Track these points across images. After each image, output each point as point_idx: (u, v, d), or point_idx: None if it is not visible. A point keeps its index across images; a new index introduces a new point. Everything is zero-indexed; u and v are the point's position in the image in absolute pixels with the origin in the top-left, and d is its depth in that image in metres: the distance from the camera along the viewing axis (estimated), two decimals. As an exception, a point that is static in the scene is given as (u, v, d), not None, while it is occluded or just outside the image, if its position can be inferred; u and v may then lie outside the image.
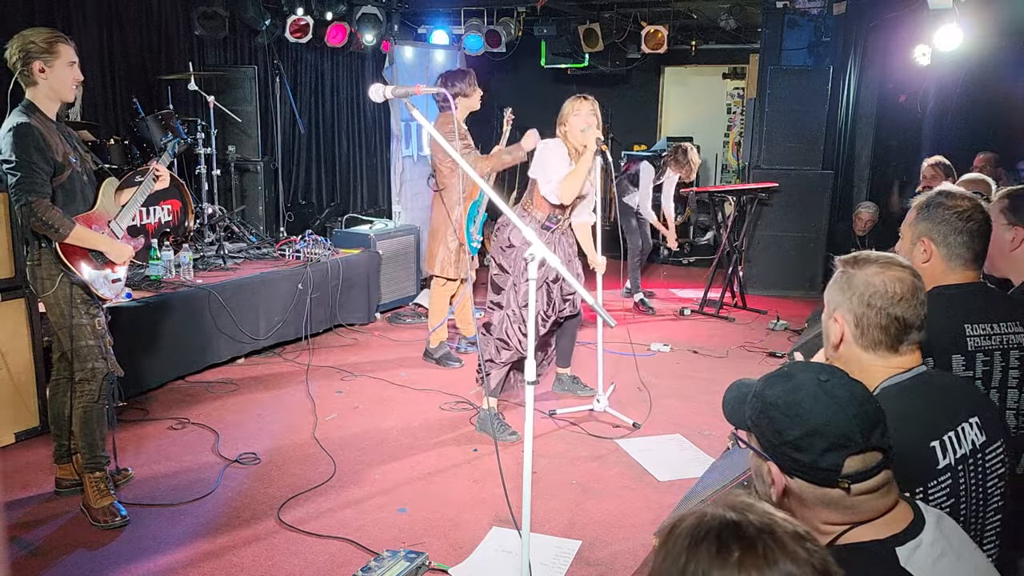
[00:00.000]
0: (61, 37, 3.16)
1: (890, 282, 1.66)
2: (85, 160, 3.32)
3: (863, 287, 1.68)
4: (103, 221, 3.34)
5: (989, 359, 2.06)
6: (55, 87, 3.15)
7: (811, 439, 1.27)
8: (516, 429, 4.14)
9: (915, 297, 1.67)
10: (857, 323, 1.69)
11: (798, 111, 7.43)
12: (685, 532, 0.98)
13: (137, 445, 3.98)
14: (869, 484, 1.28)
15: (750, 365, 5.48)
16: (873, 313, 1.67)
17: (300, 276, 5.62)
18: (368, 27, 7.72)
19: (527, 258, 2.46)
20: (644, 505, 3.50)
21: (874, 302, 1.66)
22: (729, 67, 10.61)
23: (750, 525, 0.95)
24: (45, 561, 2.98)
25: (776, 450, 1.31)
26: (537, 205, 4.22)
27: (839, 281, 1.74)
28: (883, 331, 1.67)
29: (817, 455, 1.27)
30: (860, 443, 1.27)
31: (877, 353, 1.69)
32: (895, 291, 1.66)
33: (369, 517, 3.34)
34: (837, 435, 1.26)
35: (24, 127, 3.03)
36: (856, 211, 7.48)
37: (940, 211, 2.13)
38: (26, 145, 3.02)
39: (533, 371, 2.51)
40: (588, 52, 8.77)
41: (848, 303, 1.70)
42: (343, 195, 8.76)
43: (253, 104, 6.95)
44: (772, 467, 1.32)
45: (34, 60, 3.08)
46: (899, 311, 1.66)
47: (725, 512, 0.98)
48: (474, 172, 2.73)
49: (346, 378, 5.06)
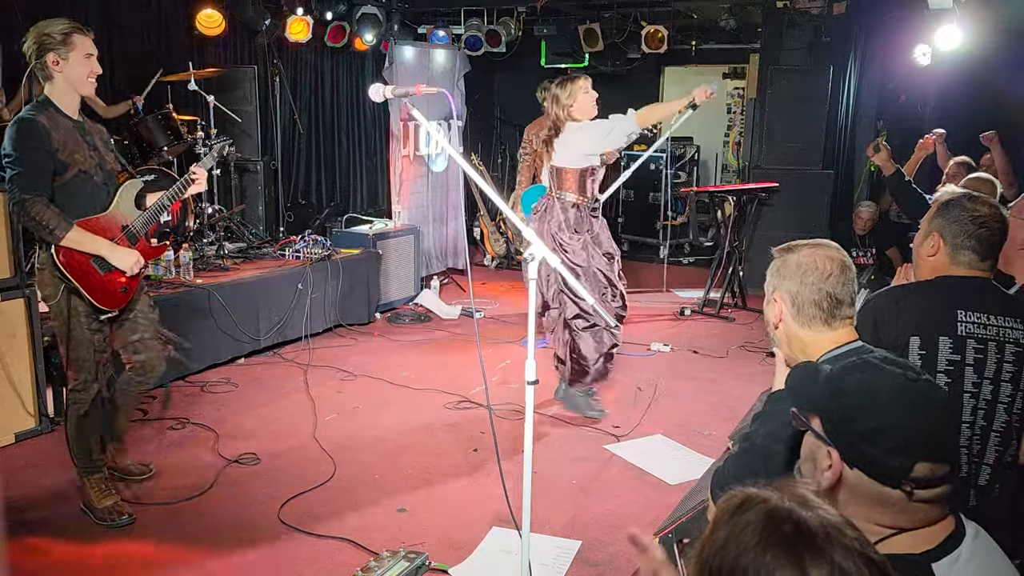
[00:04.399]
0: (78, 28, 3.03)
1: (821, 260, 1.80)
2: (105, 160, 3.19)
3: (796, 267, 1.82)
4: (114, 226, 3.19)
5: (983, 347, 2.10)
6: (71, 80, 3.03)
7: (883, 436, 1.25)
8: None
9: (844, 274, 1.80)
10: (794, 301, 1.81)
11: (798, 111, 7.42)
12: (754, 528, 0.96)
13: (137, 445, 3.97)
14: (931, 493, 1.25)
15: (750, 365, 5.48)
16: (807, 290, 1.80)
17: (300, 276, 5.62)
18: (368, 27, 7.71)
19: (527, 258, 2.46)
20: (644, 505, 3.50)
21: (807, 279, 1.80)
22: (729, 67, 10.60)
23: (820, 532, 0.94)
24: (44, 561, 2.98)
25: (843, 437, 1.29)
26: (568, 188, 4.24)
27: (775, 266, 1.88)
28: (816, 306, 1.79)
29: (886, 452, 1.25)
30: (933, 450, 1.25)
31: (813, 328, 1.81)
32: (826, 268, 1.79)
33: (369, 517, 3.34)
34: (911, 437, 1.24)
35: (27, 123, 2.94)
36: (856, 210, 7.48)
37: (957, 211, 2.20)
38: (25, 141, 2.92)
39: (533, 371, 2.50)
40: (588, 52, 8.76)
41: (784, 283, 1.83)
42: (343, 195, 8.76)
43: (253, 104, 6.95)
44: (834, 453, 1.29)
45: (48, 52, 2.97)
46: (830, 287, 1.78)
47: (797, 510, 0.96)
48: (472, 170, 2.73)
49: (346, 378, 5.06)
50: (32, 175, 2.94)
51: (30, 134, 2.93)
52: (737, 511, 1.00)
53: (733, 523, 0.99)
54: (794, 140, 7.49)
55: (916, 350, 2.12)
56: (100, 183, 3.16)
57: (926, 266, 2.28)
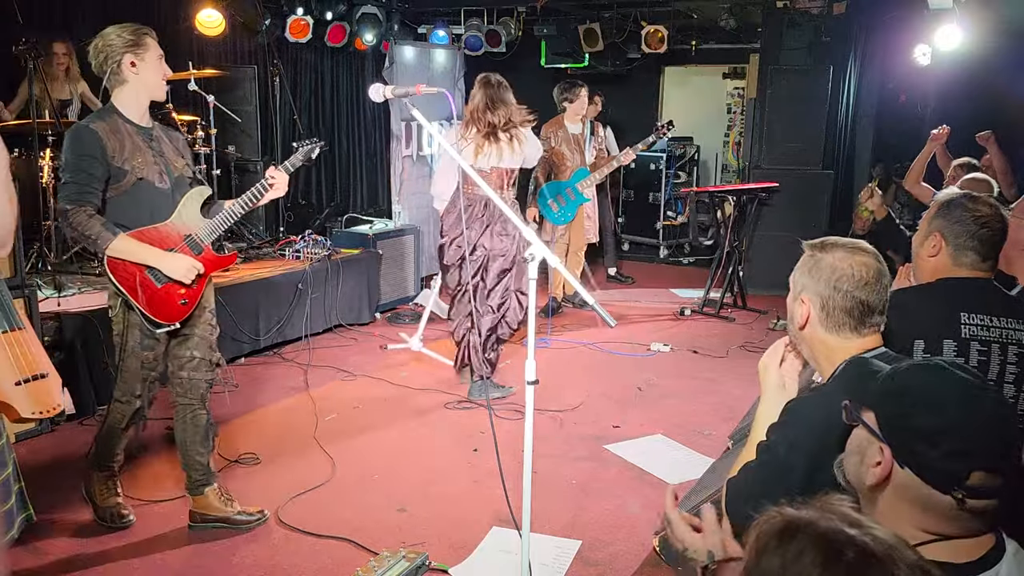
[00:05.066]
0: (146, 30, 2.95)
1: (856, 267, 1.72)
2: (173, 167, 3.04)
3: (830, 271, 1.74)
4: (176, 235, 3.01)
5: (987, 350, 2.08)
6: (147, 83, 2.94)
7: (944, 437, 1.21)
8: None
9: (879, 282, 1.73)
10: (823, 306, 1.75)
11: (798, 111, 7.42)
12: (813, 558, 0.92)
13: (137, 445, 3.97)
14: (981, 504, 1.22)
15: (750, 365, 5.45)
16: (839, 296, 1.72)
17: (300, 276, 5.62)
18: (368, 27, 7.72)
19: (527, 258, 2.45)
20: (644, 505, 3.50)
21: (840, 285, 1.72)
22: (729, 67, 10.60)
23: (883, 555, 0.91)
24: (43, 557, 2.98)
25: (898, 435, 1.26)
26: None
27: (806, 264, 1.80)
28: (847, 314, 1.73)
29: (945, 454, 1.21)
30: (991, 461, 1.21)
31: (841, 334, 1.75)
32: (861, 275, 1.71)
33: (369, 517, 3.34)
34: (973, 443, 1.21)
35: (82, 130, 2.87)
36: (856, 210, 7.48)
37: (959, 212, 2.19)
38: (74, 149, 2.85)
39: (533, 371, 2.50)
40: (588, 52, 8.76)
41: (815, 286, 1.76)
42: (343, 195, 8.76)
43: (253, 104, 6.96)
44: (886, 450, 1.26)
45: (124, 55, 2.89)
46: (864, 295, 1.71)
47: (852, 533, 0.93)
48: (472, 170, 2.73)
49: (346, 378, 5.06)
50: (78, 185, 2.84)
51: (80, 141, 2.86)
52: (783, 537, 0.96)
53: (783, 551, 0.95)
54: (794, 140, 7.48)
55: (920, 353, 2.10)
56: (166, 190, 3.00)
57: (927, 267, 2.27)
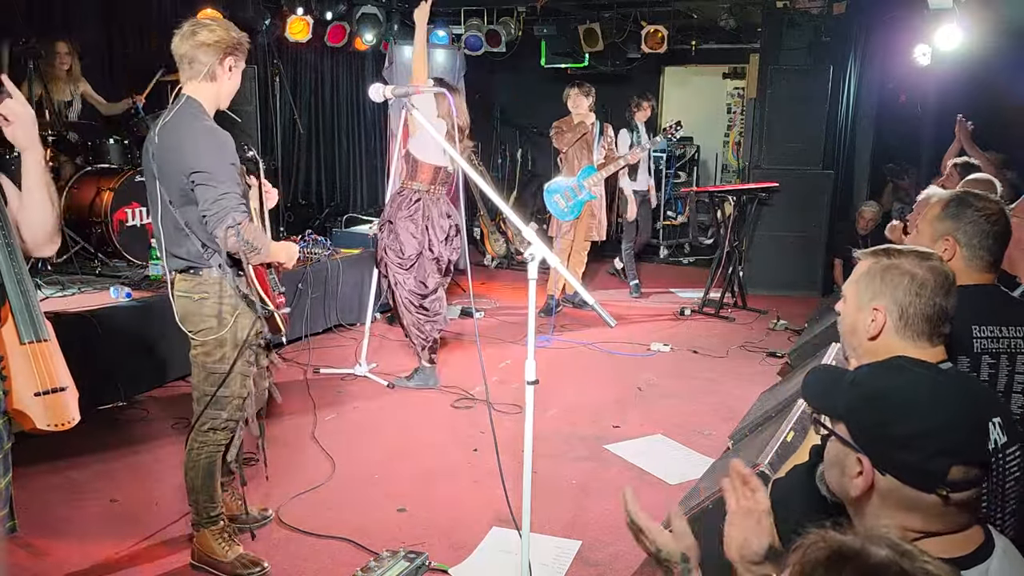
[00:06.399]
0: (249, 41, 2.80)
1: (934, 272, 1.66)
2: None
3: (908, 277, 1.66)
4: None
5: (995, 362, 2.03)
6: (229, 91, 2.77)
7: (923, 440, 1.20)
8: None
9: (954, 287, 1.68)
10: (902, 314, 1.66)
11: (798, 111, 7.43)
12: None
13: (138, 445, 3.97)
14: (965, 496, 1.21)
15: (750, 365, 5.48)
16: (921, 302, 1.65)
17: (300, 276, 5.62)
18: (368, 27, 7.72)
19: (527, 258, 2.44)
20: (644, 505, 3.43)
21: (923, 292, 1.65)
22: (729, 67, 10.61)
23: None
24: (44, 558, 2.98)
25: (874, 444, 1.24)
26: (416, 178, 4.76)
27: (875, 272, 1.70)
28: (927, 321, 1.65)
29: (926, 457, 1.19)
30: (970, 452, 1.21)
31: (917, 344, 1.66)
32: (940, 281, 1.65)
33: (369, 517, 3.34)
34: (952, 440, 1.20)
35: (219, 133, 2.61)
36: (859, 210, 7.49)
37: (970, 212, 2.11)
38: (225, 157, 2.56)
39: (533, 371, 2.50)
40: (588, 52, 8.77)
41: (892, 293, 1.67)
42: (343, 195, 8.76)
43: (253, 104, 6.94)
44: (864, 460, 1.24)
45: (230, 56, 2.72)
46: (944, 300, 1.66)
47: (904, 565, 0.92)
48: (468, 167, 2.73)
49: (346, 378, 5.05)
50: (237, 196, 2.55)
51: (225, 147, 2.61)
52: (830, 568, 0.95)
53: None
54: (794, 140, 7.49)
55: None
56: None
57: None
